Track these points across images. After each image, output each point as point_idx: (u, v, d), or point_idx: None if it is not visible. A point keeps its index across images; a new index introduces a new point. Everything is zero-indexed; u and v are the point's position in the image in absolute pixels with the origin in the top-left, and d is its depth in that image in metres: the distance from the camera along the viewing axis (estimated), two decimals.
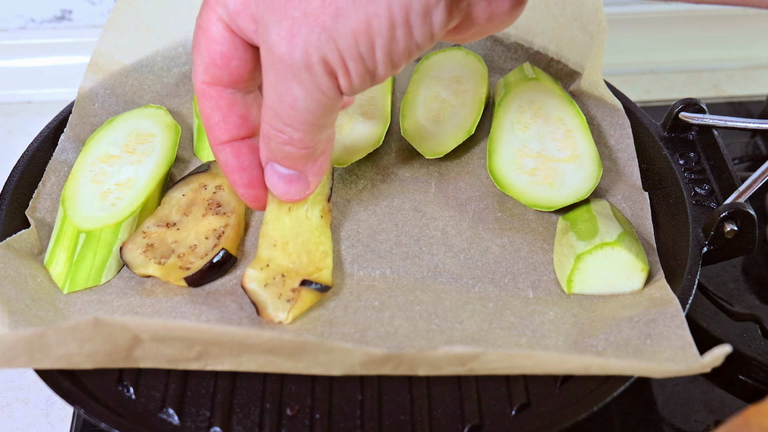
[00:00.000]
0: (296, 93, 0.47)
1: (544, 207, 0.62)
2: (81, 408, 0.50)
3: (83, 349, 0.47)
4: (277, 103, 0.48)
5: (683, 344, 0.50)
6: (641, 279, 0.56)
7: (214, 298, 0.57)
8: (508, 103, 0.68)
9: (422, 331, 0.54)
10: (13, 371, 0.68)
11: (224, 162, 0.55)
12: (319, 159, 0.53)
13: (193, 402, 0.52)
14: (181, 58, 0.74)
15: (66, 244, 0.59)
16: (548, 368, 0.48)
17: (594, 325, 0.54)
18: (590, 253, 0.56)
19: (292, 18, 0.44)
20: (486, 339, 0.54)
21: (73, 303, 0.57)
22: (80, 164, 0.64)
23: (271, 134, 0.50)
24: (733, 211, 0.56)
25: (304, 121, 0.48)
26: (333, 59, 0.45)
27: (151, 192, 0.62)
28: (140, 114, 0.68)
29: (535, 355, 0.47)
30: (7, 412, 0.66)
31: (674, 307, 0.53)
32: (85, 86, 0.69)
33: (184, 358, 0.49)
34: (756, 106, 0.94)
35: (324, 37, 0.44)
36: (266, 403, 0.52)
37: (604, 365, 0.46)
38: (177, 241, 0.59)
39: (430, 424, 0.51)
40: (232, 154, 0.54)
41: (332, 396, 0.52)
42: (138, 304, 0.57)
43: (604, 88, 0.69)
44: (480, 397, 0.52)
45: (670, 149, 0.66)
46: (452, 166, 0.67)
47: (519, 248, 0.61)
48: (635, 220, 0.62)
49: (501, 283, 0.58)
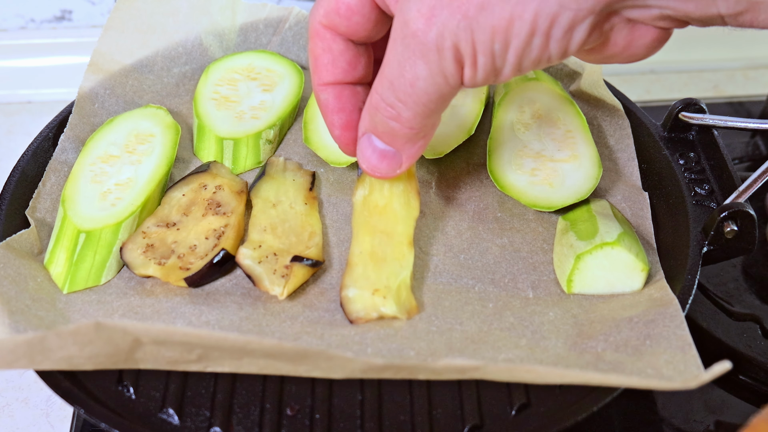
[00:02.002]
0: (419, 71, 0.46)
1: (544, 207, 0.62)
2: (81, 408, 0.50)
3: (84, 351, 0.48)
4: (397, 76, 0.47)
5: (683, 345, 0.50)
6: (641, 279, 0.56)
7: (214, 299, 0.57)
8: (508, 103, 0.68)
9: (422, 333, 0.54)
10: (13, 371, 0.68)
11: (324, 102, 0.55)
12: (418, 142, 0.53)
13: (193, 402, 0.52)
14: (181, 58, 0.74)
15: (66, 244, 0.59)
16: (549, 381, 0.48)
17: (594, 326, 0.54)
18: (590, 253, 0.56)
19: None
20: (486, 341, 0.54)
21: (73, 303, 0.57)
22: (80, 164, 0.64)
23: (381, 106, 0.50)
24: (733, 211, 0.56)
25: (419, 101, 0.48)
26: (465, 48, 0.45)
27: (151, 192, 0.62)
28: (140, 114, 0.68)
29: (536, 369, 0.47)
30: (7, 412, 0.66)
31: (674, 308, 0.53)
32: (85, 86, 0.69)
33: (185, 360, 0.49)
34: (756, 106, 0.94)
35: (463, 25, 0.44)
36: (266, 403, 0.52)
37: (604, 379, 0.46)
38: (177, 242, 0.59)
39: (430, 424, 0.51)
40: (334, 95, 0.54)
41: (332, 396, 0.52)
42: (138, 305, 0.57)
43: (604, 88, 0.69)
44: (480, 397, 0.52)
45: (670, 149, 0.66)
46: (452, 166, 0.67)
47: (519, 248, 0.61)
48: (635, 220, 0.62)
49: (501, 284, 0.58)
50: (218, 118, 0.68)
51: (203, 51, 0.75)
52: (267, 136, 0.67)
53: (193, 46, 0.75)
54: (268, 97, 0.70)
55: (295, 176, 0.65)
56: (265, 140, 0.67)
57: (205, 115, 0.69)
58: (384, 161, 0.54)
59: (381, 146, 0.53)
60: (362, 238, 0.58)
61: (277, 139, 0.69)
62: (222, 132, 0.67)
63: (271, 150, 0.68)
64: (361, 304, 0.55)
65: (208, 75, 0.72)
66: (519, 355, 0.52)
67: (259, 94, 0.71)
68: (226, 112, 0.69)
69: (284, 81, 0.72)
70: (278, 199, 0.62)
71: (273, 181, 0.64)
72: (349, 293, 0.55)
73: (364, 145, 0.54)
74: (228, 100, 0.70)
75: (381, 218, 0.59)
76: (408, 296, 0.56)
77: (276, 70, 0.72)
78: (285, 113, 0.69)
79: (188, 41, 0.75)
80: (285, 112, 0.69)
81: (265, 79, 0.72)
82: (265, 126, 0.68)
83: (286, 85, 0.71)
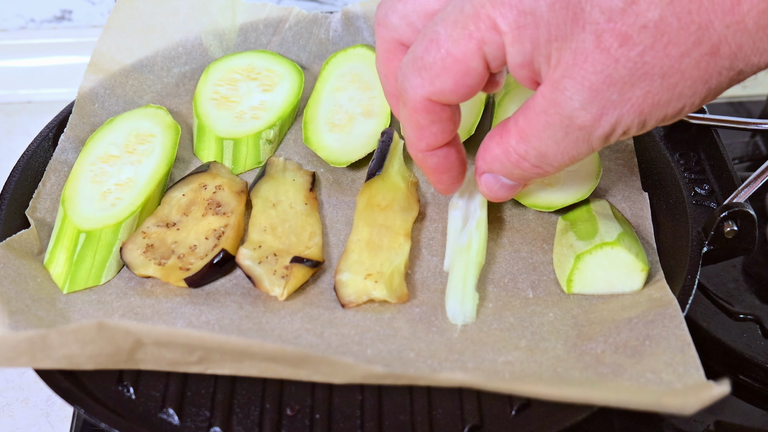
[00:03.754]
0: (580, 152, 0.48)
1: (544, 207, 0.62)
2: (81, 408, 0.50)
3: (85, 350, 0.48)
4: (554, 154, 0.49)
5: (682, 345, 0.50)
6: (641, 279, 0.56)
7: (214, 299, 0.57)
8: (507, 103, 0.68)
9: (421, 333, 0.54)
10: (14, 371, 0.68)
11: (434, 165, 0.55)
12: None
13: (193, 402, 0.52)
14: (181, 58, 0.74)
15: (66, 244, 0.59)
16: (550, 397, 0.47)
17: (593, 327, 0.54)
18: (590, 253, 0.56)
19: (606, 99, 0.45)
20: (486, 341, 0.54)
21: (73, 303, 0.57)
22: (80, 164, 0.64)
23: (525, 166, 0.51)
24: (733, 211, 0.56)
25: (562, 164, 0.50)
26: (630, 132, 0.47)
27: (151, 192, 0.62)
28: (140, 114, 0.68)
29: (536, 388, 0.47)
30: (7, 412, 0.66)
31: (673, 308, 0.53)
32: (85, 86, 0.69)
33: (186, 362, 0.49)
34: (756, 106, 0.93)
35: (637, 121, 0.46)
36: (266, 403, 0.52)
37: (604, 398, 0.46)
38: (177, 242, 0.59)
39: (430, 424, 0.51)
40: (444, 156, 0.55)
41: (332, 396, 0.52)
42: (138, 305, 0.57)
43: None
44: (480, 397, 0.52)
45: (670, 149, 0.66)
46: None
47: (519, 248, 0.61)
48: (635, 220, 0.62)
49: (501, 283, 0.58)
50: (218, 118, 0.68)
51: (203, 51, 0.75)
52: (267, 136, 0.67)
53: (193, 46, 0.75)
54: (268, 97, 0.70)
55: (295, 176, 0.65)
56: (265, 140, 0.67)
57: (205, 115, 0.69)
58: (510, 192, 0.56)
59: (509, 183, 0.55)
60: (361, 228, 0.60)
61: (277, 139, 0.69)
62: (222, 132, 0.67)
63: (271, 150, 0.68)
64: (353, 288, 0.56)
65: (208, 75, 0.72)
66: (519, 357, 0.52)
67: (259, 94, 0.71)
68: (226, 112, 0.69)
69: (284, 81, 0.72)
70: (278, 199, 0.62)
71: (273, 181, 0.64)
72: (343, 277, 0.57)
73: (491, 182, 0.55)
74: (228, 100, 0.70)
75: (381, 214, 0.60)
76: (401, 283, 0.57)
77: (276, 70, 0.72)
78: (285, 113, 0.69)
79: (188, 41, 0.74)
80: (285, 112, 0.69)
81: (265, 79, 0.72)
82: (265, 126, 0.68)
83: (286, 85, 0.71)
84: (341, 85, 0.71)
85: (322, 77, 0.73)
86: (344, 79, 0.72)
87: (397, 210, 0.61)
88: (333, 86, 0.71)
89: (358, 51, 0.74)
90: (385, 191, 0.62)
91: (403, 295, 0.56)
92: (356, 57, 0.74)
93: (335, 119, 0.69)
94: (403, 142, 0.67)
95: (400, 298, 0.56)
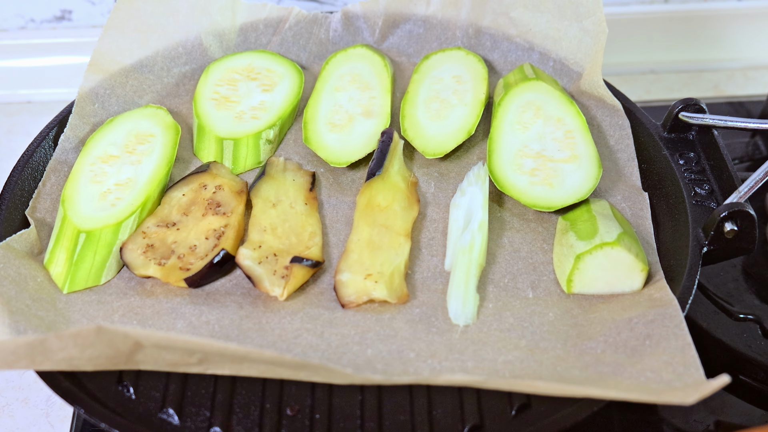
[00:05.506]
0: None
1: (544, 207, 0.62)
2: (81, 408, 0.50)
3: (84, 353, 0.48)
4: None
5: (682, 345, 0.50)
6: (641, 279, 0.56)
7: (214, 299, 0.57)
8: (508, 103, 0.68)
9: (421, 334, 0.54)
10: (13, 371, 0.68)
11: None
12: None
13: (193, 402, 0.52)
14: (181, 58, 0.74)
15: (66, 244, 0.59)
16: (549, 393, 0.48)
17: (593, 326, 0.54)
18: (590, 253, 0.56)
19: None
20: (486, 341, 0.54)
21: (73, 303, 0.57)
22: (80, 164, 0.63)
23: None
24: (733, 211, 0.56)
25: None
26: None
27: (151, 192, 0.62)
28: (140, 114, 0.68)
29: (536, 384, 0.47)
30: (7, 412, 0.66)
31: (673, 308, 0.53)
32: (85, 86, 0.69)
33: (185, 363, 0.49)
34: (756, 106, 0.93)
35: None
36: (266, 403, 0.52)
37: (604, 393, 0.46)
38: (177, 242, 0.59)
39: (430, 424, 0.51)
40: None
41: (332, 396, 0.52)
42: (138, 305, 0.57)
43: (604, 88, 0.69)
44: (480, 397, 0.52)
45: (670, 149, 0.66)
46: (452, 166, 0.67)
47: (519, 248, 0.61)
48: (635, 220, 0.62)
49: (501, 284, 0.58)
50: (218, 118, 0.68)
51: (203, 51, 0.75)
52: (267, 136, 0.67)
53: (193, 46, 0.75)
54: (268, 97, 0.70)
55: (295, 176, 0.65)
56: (265, 140, 0.67)
57: (205, 115, 0.69)
58: None
59: None
60: (362, 228, 0.60)
61: (277, 139, 0.69)
62: (222, 132, 0.67)
63: (271, 150, 0.68)
64: (353, 288, 0.56)
65: (208, 75, 0.72)
66: (519, 357, 0.53)
67: (259, 94, 0.70)
68: (226, 112, 0.69)
69: (284, 81, 0.72)
70: (278, 199, 0.62)
71: (273, 181, 0.64)
72: (343, 277, 0.57)
73: None
74: (228, 100, 0.70)
75: (382, 214, 0.60)
76: (401, 283, 0.57)
77: (276, 70, 0.72)
78: (285, 113, 0.69)
79: (188, 41, 0.74)
80: (285, 112, 0.69)
81: (265, 79, 0.72)
82: (265, 126, 0.68)
83: (286, 85, 0.71)
84: (341, 85, 0.71)
85: (322, 77, 0.73)
86: (344, 79, 0.72)
87: (397, 210, 0.61)
88: (333, 86, 0.71)
89: (358, 51, 0.74)
90: (385, 191, 0.62)
91: (403, 296, 0.56)
92: (356, 57, 0.74)
93: (335, 119, 0.69)
94: (402, 142, 0.67)
95: (400, 298, 0.56)
